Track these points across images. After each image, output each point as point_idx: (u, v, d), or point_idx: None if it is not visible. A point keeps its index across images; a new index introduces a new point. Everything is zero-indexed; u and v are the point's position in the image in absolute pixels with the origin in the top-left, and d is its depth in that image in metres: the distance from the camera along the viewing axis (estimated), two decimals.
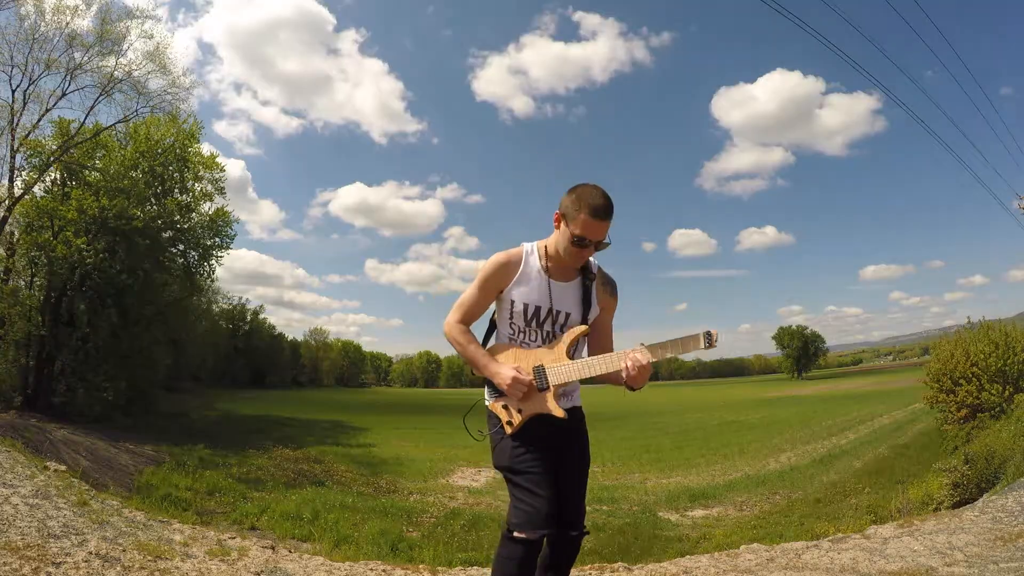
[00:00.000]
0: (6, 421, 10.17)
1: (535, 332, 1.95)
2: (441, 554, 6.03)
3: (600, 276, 2.02)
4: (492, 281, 1.95)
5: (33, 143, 14.98)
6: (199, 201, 18.41)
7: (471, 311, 2.00)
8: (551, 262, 1.95)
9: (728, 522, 9.37)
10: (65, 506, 4.27)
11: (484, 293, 1.97)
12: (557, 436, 1.96)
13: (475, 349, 1.96)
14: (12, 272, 15.39)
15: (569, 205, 1.84)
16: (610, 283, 2.05)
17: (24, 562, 2.86)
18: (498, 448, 1.96)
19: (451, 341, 2.00)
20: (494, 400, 1.96)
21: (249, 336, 54.96)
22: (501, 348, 1.99)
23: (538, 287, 1.93)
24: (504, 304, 1.97)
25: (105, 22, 15.81)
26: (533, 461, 1.89)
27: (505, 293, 1.95)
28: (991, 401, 10.64)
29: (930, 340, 20.64)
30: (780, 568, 3.42)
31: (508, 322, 1.98)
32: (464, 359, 2.01)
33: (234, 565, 3.46)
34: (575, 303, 1.95)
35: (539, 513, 1.83)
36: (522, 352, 1.95)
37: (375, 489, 11.31)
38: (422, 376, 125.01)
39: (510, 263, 1.95)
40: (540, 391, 1.89)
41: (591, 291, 1.97)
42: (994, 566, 3.11)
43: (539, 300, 1.93)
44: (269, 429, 19.61)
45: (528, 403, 1.90)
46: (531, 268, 1.95)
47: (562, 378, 1.89)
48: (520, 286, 1.93)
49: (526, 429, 1.92)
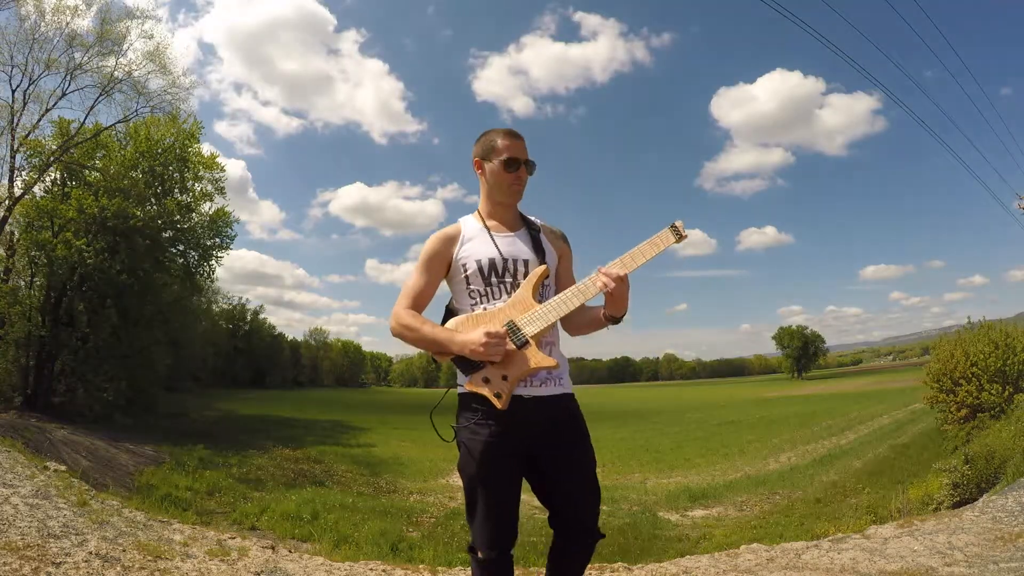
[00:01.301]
0: (6, 421, 10.17)
1: (498, 290, 1.76)
2: (441, 554, 6.04)
3: (546, 226, 1.92)
4: (435, 254, 1.81)
5: (33, 143, 14.99)
6: (199, 201, 18.41)
7: (418, 295, 1.79)
8: (489, 219, 1.85)
9: (728, 522, 9.38)
10: (65, 506, 4.27)
11: (430, 271, 1.81)
12: (539, 435, 1.73)
13: (431, 328, 1.71)
14: (12, 272, 15.41)
15: (484, 143, 1.84)
16: (559, 232, 1.94)
17: (24, 562, 2.86)
18: (464, 449, 1.74)
19: (400, 331, 1.73)
20: (471, 378, 1.70)
21: (249, 336, 54.95)
22: (460, 320, 1.74)
23: (484, 243, 1.80)
24: (457, 274, 1.80)
25: (105, 22, 15.87)
26: (498, 476, 1.72)
27: (454, 262, 1.80)
28: (991, 401, 10.63)
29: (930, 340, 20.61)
30: (780, 568, 3.42)
31: (466, 292, 1.79)
32: (421, 347, 1.75)
33: (234, 565, 3.46)
34: (528, 250, 1.81)
35: (492, 535, 1.73)
36: (484, 315, 1.72)
37: (375, 489, 11.32)
38: (422, 376, 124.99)
39: (448, 232, 1.84)
40: (519, 349, 1.66)
41: (539, 238, 1.85)
42: (994, 566, 3.11)
43: (490, 253, 1.78)
44: (269, 429, 19.62)
45: (511, 366, 1.66)
46: (471, 229, 1.84)
47: (538, 324, 1.68)
48: (467, 245, 1.80)
49: (497, 429, 1.69)
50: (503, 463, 1.72)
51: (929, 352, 14.17)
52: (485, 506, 1.73)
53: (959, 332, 12.85)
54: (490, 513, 1.73)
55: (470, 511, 1.78)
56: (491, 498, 1.73)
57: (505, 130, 1.84)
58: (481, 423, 1.71)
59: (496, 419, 1.70)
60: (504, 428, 1.70)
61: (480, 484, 1.73)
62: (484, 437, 1.70)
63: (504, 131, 1.83)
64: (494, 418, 1.70)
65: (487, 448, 1.70)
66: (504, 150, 1.80)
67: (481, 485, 1.73)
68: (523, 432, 1.72)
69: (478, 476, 1.72)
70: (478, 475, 1.72)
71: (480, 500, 1.74)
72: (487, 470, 1.71)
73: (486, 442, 1.70)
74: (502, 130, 1.84)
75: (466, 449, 1.74)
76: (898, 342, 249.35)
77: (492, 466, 1.71)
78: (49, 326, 14.74)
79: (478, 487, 1.73)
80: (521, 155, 1.81)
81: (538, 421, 1.73)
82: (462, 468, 1.77)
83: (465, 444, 1.74)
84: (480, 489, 1.73)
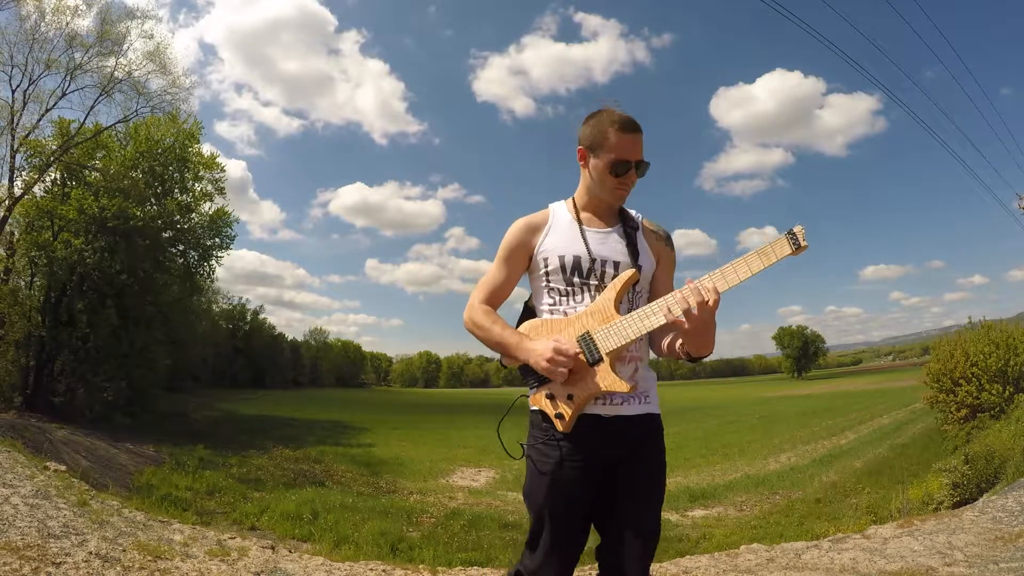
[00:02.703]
0: (6, 421, 10.17)
1: (581, 292, 1.55)
2: (441, 554, 6.04)
3: (647, 224, 1.68)
4: (517, 245, 1.61)
5: (33, 143, 14.99)
6: (199, 201, 18.41)
7: (497, 289, 1.63)
8: (583, 211, 1.64)
9: (728, 522, 9.37)
10: (65, 506, 4.26)
11: (510, 263, 1.62)
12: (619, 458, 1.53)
13: (502, 330, 1.55)
14: (12, 272, 15.39)
15: (593, 132, 1.57)
16: (663, 232, 1.70)
17: (24, 562, 2.86)
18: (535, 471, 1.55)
19: (472, 328, 1.59)
20: (535, 391, 1.54)
21: (249, 336, 54.82)
22: (535, 324, 1.57)
23: (572, 236, 1.58)
24: (537, 269, 1.60)
25: (105, 22, 15.85)
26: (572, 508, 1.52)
27: (535, 254, 1.60)
28: (991, 401, 10.63)
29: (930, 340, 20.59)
30: (780, 568, 3.42)
31: (546, 290, 1.59)
32: (491, 346, 1.57)
33: (234, 565, 3.46)
34: (620, 251, 1.58)
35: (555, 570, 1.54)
36: (561, 322, 1.53)
37: (375, 489, 11.31)
38: (422, 376, 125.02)
39: (534, 221, 1.63)
40: (592, 366, 1.46)
41: (636, 238, 1.62)
42: (994, 566, 3.11)
43: (577, 250, 1.56)
44: (269, 429, 19.61)
45: (578, 385, 1.47)
46: (560, 220, 1.62)
47: (616, 341, 1.46)
48: (551, 237, 1.59)
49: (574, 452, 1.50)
50: (575, 491, 1.52)
51: (929, 352, 14.15)
52: (551, 538, 1.53)
53: (959, 332, 12.85)
54: (556, 547, 1.53)
55: (532, 540, 1.57)
56: (558, 531, 1.53)
57: (621, 119, 1.55)
58: (552, 443, 1.52)
59: (571, 439, 1.51)
60: (578, 450, 1.51)
61: (549, 513, 1.53)
62: (555, 460, 1.51)
63: (620, 121, 1.54)
64: (568, 437, 1.51)
65: (559, 473, 1.51)
66: (615, 148, 1.54)
67: (550, 515, 1.53)
68: (599, 456, 1.52)
69: (547, 504, 1.53)
70: (546, 503, 1.52)
71: (546, 531, 1.53)
72: (558, 497, 1.52)
73: (557, 465, 1.51)
74: (618, 118, 1.55)
75: (535, 471, 1.55)
76: (898, 342, 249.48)
77: (564, 493, 1.52)
78: (49, 326, 14.73)
79: (546, 516, 1.53)
80: (634, 156, 1.55)
81: (618, 443, 1.53)
82: (529, 493, 1.58)
83: (535, 466, 1.55)
84: (548, 518, 1.53)
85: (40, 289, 15.45)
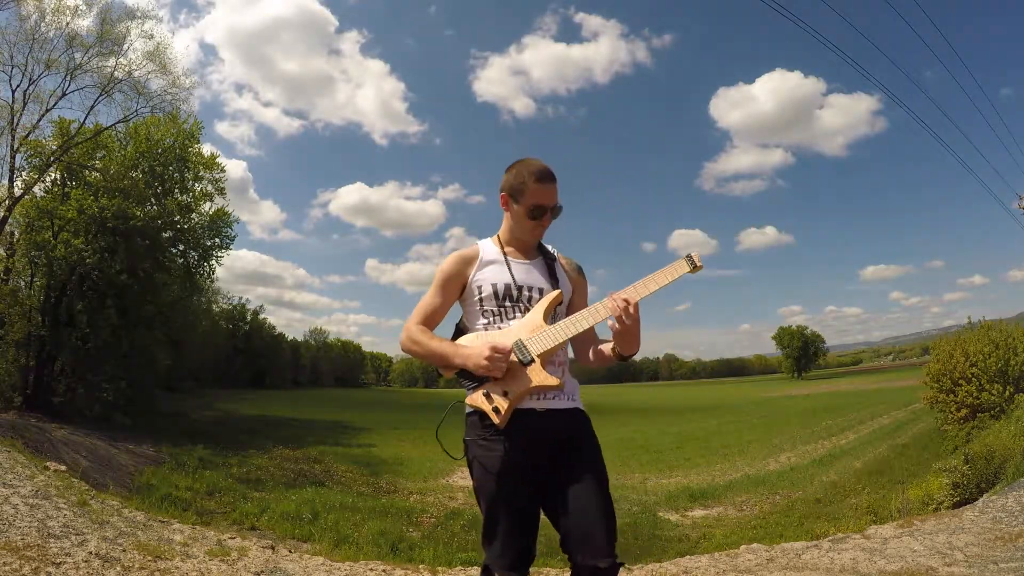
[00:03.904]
0: (6, 421, 10.16)
1: (511, 311, 1.78)
2: (441, 554, 6.03)
3: (562, 257, 1.94)
4: (453, 275, 1.83)
5: (33, 143, 14.98)
6: (199, 201, 18.38)
7: (432, 313, 1.82)
8: (507, 246, 1.87)
9: (728, 522, 9.38)
10: (65, 506, 4.26)
11: (445, 290, 1.83)
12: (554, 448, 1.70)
13: (438, 343, 1.75)
14: (12, 272, 15.38)
15: (513, 181, 1.81)
16: (575, 264, 1.95)
17: (24, 562, 2.86)
18: (479, 466, 1.70)
19: (409, 346, 1.77)
20: (472, 392, 1.71)
21: (249, 336, 54.84)
22: (470, 337, 1.77)
23: (501, 269, 1.82)
24: (471, 296, 1.82)
25: (105, 22, 15.81)
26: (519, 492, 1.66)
27: (469, 283, 1.82)
28: (991, 401, 10.64)
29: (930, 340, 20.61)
30: (780, 568, 3.42)
31: (479, 312, 1.80)
32: (427, 360, 1.78)
33: (234, 565, 3.46)
34: (543, 279, 1.83)
35: (514, 555, 1.64)
36: (493, 334, 1.74)
37: (375, 489, 11.32)
38: (422, 376, 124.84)
39: (466, 255, 1.86)
40: (524, 366, 1.65)
41: (555, 267, 1.88)
42: (994, 566, 3.11)
43: (506, 279, 1.80)
44: (269, 429, 19.62)
45: (513, 383, 1.65)
46: (489, 254, 1.86)
47: (545, 344, 1.67)
48: (483, 270, 1.82)
49: (514, 443, 1.66)
50: (522, 477, 1.67)
51: (929, 352, 14.17)
52: (508, 524, 1.66)
53: (959, 332, 12.87)
54: (513, 531, 1.66)
55: (489, 531, 1.69)
56: (513, 515, 1.67)
57: (538, 171, 1.78)
58: (494, 438, 1.68)
59: (509, 433, 1.67)
60: (518, 442, 1.67)
61: (502, 501, 1.67)
62: (500, 453, 1.67)
63: (536, 172, 1.77)
64: (507, 432, 1.67)
65: (504, 463, 1.66)
66: (532, 196, 1.77)
67: (503, 502, 1.67)
68: (537, 445, 1.69)
69: (499, 493, 1.67)
70: (499, 492, 1.67)
71: (501, 518, 1.67)
72: (507, 486, 1.66)
73: (503, 457, 1.66)
74: (535, 169, 1.78)
75: (481, 466, 1.70)
76: (898, 342, 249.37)
77: (512, 481, 1.66)
78: (49, 326, 14.72)
79: (499, 504, 1.67)
80: (549, 202, 1.79)
81: (552, 434, 1.70)
82: (480, 487, 1.71)
83: (480, 461, 1.70)
84: (501, 506, 1.67)
85: (40, 289, 15.43)
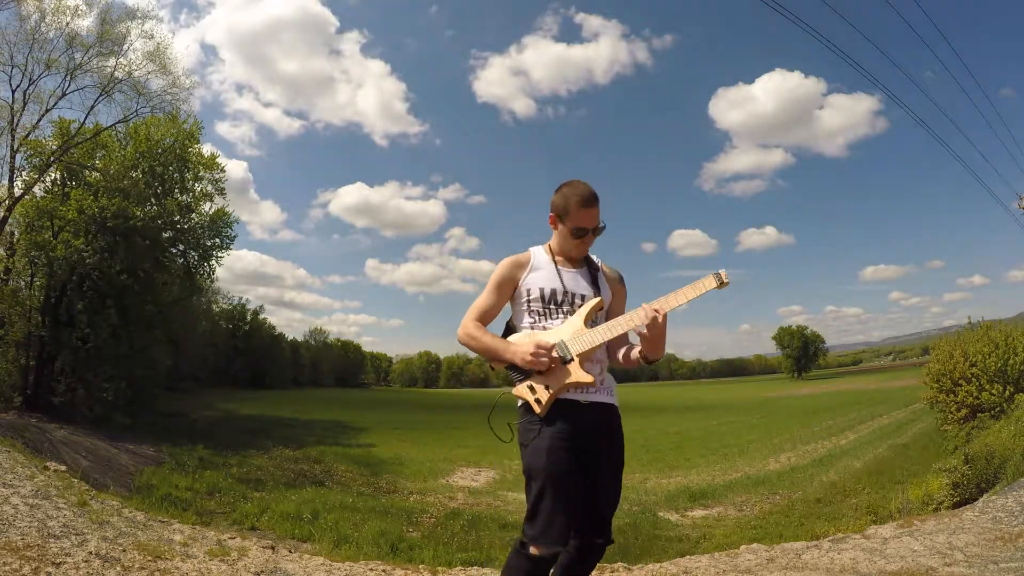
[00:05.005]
0: (6, 421, 10.17)
1: (555, 314, 1.99)
2: (441, 554, 6.04)
3: (605, 267, 2.14)
4: (507, 278, 2.03)
5: (33, 143, 14.97)
6: (199, 201, 18.37)
7: (486, 311, 2.04)
8: (557, 256, 2.07)
9: (728, 522, 9.38)
10: (65, 506, 4.27)
11: (499, 292, 2.04)
12: (592, 436, 1.92)
13: (491, 338, 1.97)
14: (12, 272, 15.38)
15: (560, 203, 2.00)
16: (617, 273, 2.16)
17: (24, 562, 2.86)
18: (531, 447, 1.88)
19: (465, 339, 1.99)
20: (520, 384, 1.91)
21: (249, 336, 54.75)
22: (519, 335, 2.00)
23: (550, 274, 2.03)
24: (520, 298, 2.03)
25: (105, 23, 15.81)
26: (567, 471, 1.83)
27: (520, 286, 2.03)
28: (991, 401, 10.63)
29: (930, 340, 20.60)
30: (780, 568, 3.42)
31: (526, 313, 2.02)
32: (481, 353, 1.99)
33: (234, 565, 3.46)
34: (587, 286, 2.04)
35: (559, 530, 1.79)
36: (539, 333, 1.96)
37: (375, 489, 11.31)
38: (422, 376, 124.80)
39: (521, 259, 2.07)
40: (564, 364, 1.88)
41: (598, 276, 2.08)
42: (994, 566, 3.11)
43: (554, 284, 2.01)
44: (269, 429, 19.60)
45: (554, 377, 1.87)
46: (540, 260, 2.06)
47: (584, 345, 1.88)
48: (534, 274, 2.03)
49: (561, 428, 1.86)
50: (573, 458, 1.85)
51: (929, 352, 14.15)
52: (561, 500, 1.80)
53: (959, 332, 12.85)
54: (566, 507, 1.81)
55: (537, 507, 1.82)
56: (566, 491, 1.82)
57: (583, 196, 1.96)
58: (546, 423, 1.88)
59: (559, 420, 1.87)
60: (564, 427, 1.87)
61: (557, 478, 1.82)
62: (548, 434, 1.85)
63: (582, 197, 1.96)
64: (560, 418, 1.87)
65: (558, 444, 1.84)
66: (576, 219, 1.97)
67: (558, 479, 1.82)
68: (583, 433, 1.89)
69: (555, 471, 1.82)
70: (555, 470, 1.82)
71: (552, 494, 1.81)
72: (562, 464, 1.83)
73: (556, 438, 1.85)
74: (581, 194, 1.97)
75: (535, 447, 1.86)
76: (898, 342, 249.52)
77: (563, 462, 1.83)
78: (49, 326, 14.71)
79: (554, 481, 1.81)
80: (591, 224, 1.98)
81: (595, 424, 1.93)
82: (533, 466, 1.85)
83: (532, 441, 1.88)
84: (556, 482, 1.81)
85: (40, 289, 15.42)
